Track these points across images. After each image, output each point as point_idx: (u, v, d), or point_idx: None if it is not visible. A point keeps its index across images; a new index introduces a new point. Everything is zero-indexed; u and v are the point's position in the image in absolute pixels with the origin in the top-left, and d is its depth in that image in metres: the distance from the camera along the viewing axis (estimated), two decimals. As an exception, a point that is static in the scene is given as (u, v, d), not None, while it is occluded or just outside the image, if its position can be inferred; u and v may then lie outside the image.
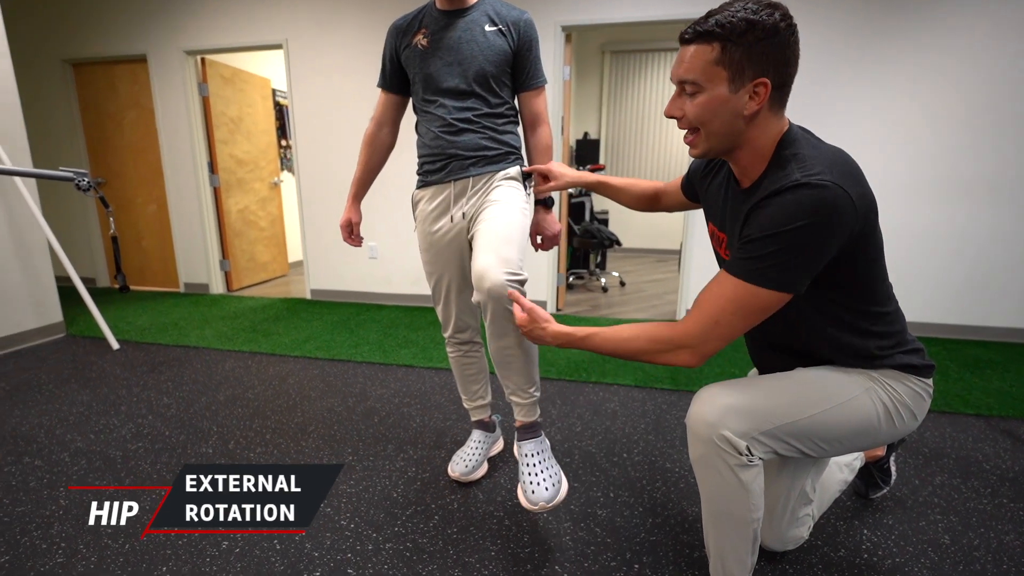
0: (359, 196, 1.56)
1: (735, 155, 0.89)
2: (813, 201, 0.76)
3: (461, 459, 1.55)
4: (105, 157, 4.19)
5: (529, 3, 3.16)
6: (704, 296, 0.87)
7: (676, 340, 0.87)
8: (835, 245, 0.79)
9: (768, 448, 0.88)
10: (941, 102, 2.77)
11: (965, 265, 2.88)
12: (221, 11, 3.65)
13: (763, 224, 0.80)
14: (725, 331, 0.84)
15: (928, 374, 0.95)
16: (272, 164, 4.66)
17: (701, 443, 0.89)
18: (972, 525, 1.33)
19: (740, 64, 0.80)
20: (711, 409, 0.88)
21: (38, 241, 2.86)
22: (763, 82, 0.81)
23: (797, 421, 0.88)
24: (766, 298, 0.81)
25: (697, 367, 0.90)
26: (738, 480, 0.88)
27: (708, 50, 0.80)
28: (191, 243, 4.10)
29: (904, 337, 0.95)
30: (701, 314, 0.86)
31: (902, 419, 0.93)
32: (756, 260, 0.81)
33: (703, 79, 0.81)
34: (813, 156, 0.81)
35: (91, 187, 2.38)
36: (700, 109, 0.84)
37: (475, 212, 1.35)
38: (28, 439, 1.80)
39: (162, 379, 2.34)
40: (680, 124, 0.88)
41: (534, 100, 1.42)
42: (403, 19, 1.39)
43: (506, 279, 1.16)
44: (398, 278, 3.75)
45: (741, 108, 0.82)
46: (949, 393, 2.14)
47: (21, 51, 4.06)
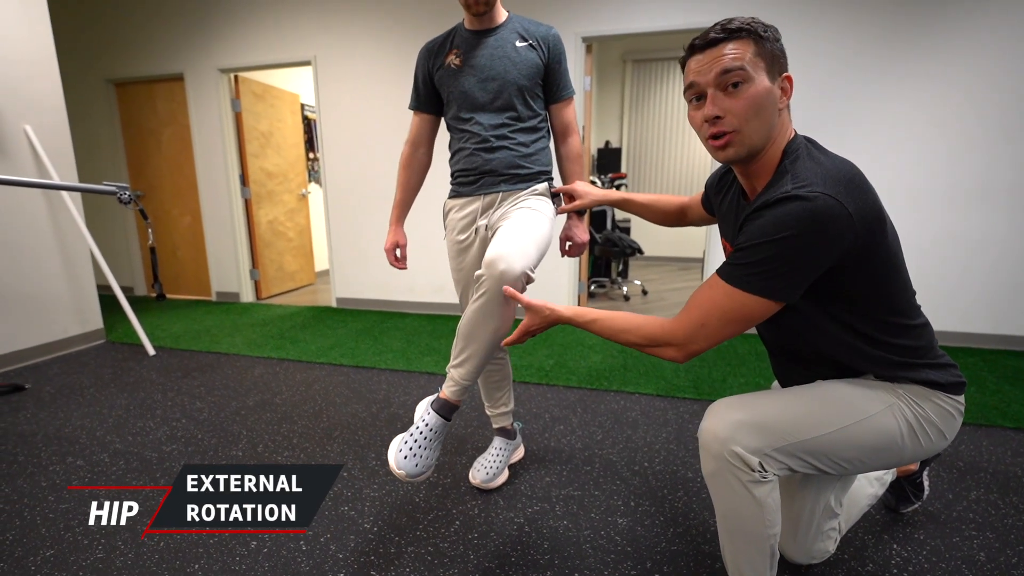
0: (402, 219, 1.59)
1: (756, 162, 0.88)
2: (802, 212, 0.76)
3: (482, 466, 1.57)
4: (144, 171, 4.39)
5: (550, 14, 3.21)
6: (695, 297, 0.89)
7: (664, 338, 0.89)
8: (828, 256, 0.79)
9: (782, 464, 0.87)
10: (977, 107, 2.70)
11: (1006, 274, 2.78)
12: (253, 30, 3.81)
13: (753, 233, 0.81)
14: (711, 333, 0.86)
15: (959, 391, 0.92)
16: (300, 176, 4.80)
17: (713, 459, 0.88)
18: (1010, 542, 1.28)
19: (772, 57, 0.83)
20: (722, 424, 0.87)
21: (82, 251, 3.01)
22: (788, 76, 0.84)
23: (813, 438, 0.86)
24: (752, 305, 0.82)
25: (684, 363, 0.94)
26: (751, 496, 0.86)
27: (746, 43, 0.82)
28: (223, 253, 4.25)
29: (932, 352, 0.92)
30: (690, 315, 0.87)
31: (928, 438, 0.90)
32: (744, 267, 0.82)
33: (751, 67, 0.81)
34: (810, 169, 0.81)
35: (132, 200, 2.50)
36: (749, 101, 0.81)
37: (499, 221, 1.37)
38: (71, 440, 1.88)
39: (195, 384, 2.42)
40: (722, 124, 0.84)
41: (564, 111, 1.46)
42: (433, 41, 1.44)
43: (520, 269, 1.11)
44: (421, 286, 3.80)
45: (777, 101, 0.84)
46: (987, 405, 2.06)
47: (68, 72, 4.29)
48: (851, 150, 2.84)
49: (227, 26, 3.86)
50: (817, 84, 2.86)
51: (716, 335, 0.86)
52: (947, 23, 2.67)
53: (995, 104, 2.66)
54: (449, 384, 1.22)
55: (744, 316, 0.83)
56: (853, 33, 2.79)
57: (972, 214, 2.78)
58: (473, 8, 1.33)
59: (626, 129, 6.05)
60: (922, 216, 2.85)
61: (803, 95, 2.85)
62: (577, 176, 1.50)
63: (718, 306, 0.84)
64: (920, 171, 2.81)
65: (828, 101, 2.87)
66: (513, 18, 1.40)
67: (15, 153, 2.68)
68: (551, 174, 1.46)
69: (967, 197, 2.77)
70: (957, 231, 2.82)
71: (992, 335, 2.85)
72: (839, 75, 2.84)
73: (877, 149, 2.85)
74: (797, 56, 2.86)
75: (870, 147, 2.86)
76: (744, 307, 0.83)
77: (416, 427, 1.19)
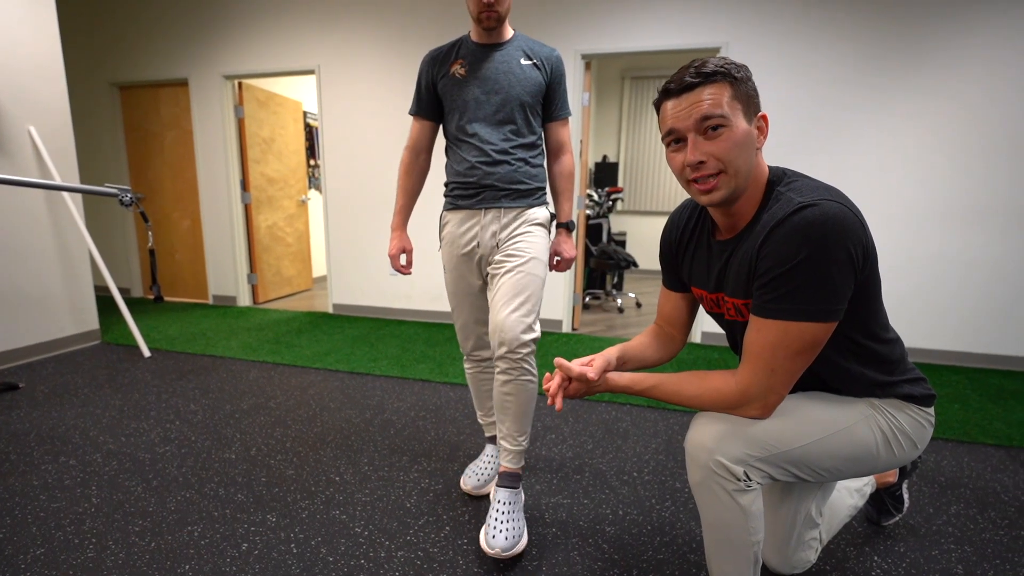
0: (405, 224, 1.58)
1: (739, 201, 0.89)
2: (819, 216, 0.77)
3: (474, 473, 1.58)
4: (145, 174, 4.41)
5: (550, 32, 3.28)
6: (749, 347, 0.86)
7: (740, 400, 0.87)
8: (856, 260, 0.78)
9: (765, 473, 0.89)
10: (966, 127, 2.76)
11: (991, 294, 2.83)
12: (258, 38, 3.86)
13: (779, 257, 0.80)
14: (784, 376, 0.84)
15: (929, 403, 0.95)
16: (300, 183, 4.83)
17: (699, 468, 0.90)
18: (987, 556, 1.30)
19: (747, 98, 0.84)
20: (708, 435, 0.89)
21: (81, 252, 3.02)
22: (764, 116, 0.87)
23: (794, 449, 0.88)
24: (812, 331, 0.80)
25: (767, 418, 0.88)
26: (736, 504, 0.89)
27: (723, 86, 0.83)
28: (221, 257, 4.26)
29: (907, 365, 0.96)
30: (755, 368, 0.85)
31: (902, 447, 0.93)
32: (786, 298, 0.80)
33: (729, 111, 0.82)
34: (808, 185, 0.84)
35: (133, 202, 2.52)
36: (729, 144, 0.83)
37: (503, 246, 1.41)
38: (64, 440, 1.88)
39: (190, 387, 2.43)
40: (705, 168, 0.85)
41: (560, 130, 1.51)
42: (438, 50, 1.46)
43: (522, 338, 1.31)
44: (417, 294, 3.82)
45: (755, 141, 0.86)
46: (969, 423, 2.10)
47: (74, 75, 4.35)
48: (845, 168, 2.92)
49: (232, 33, 3.91)
50: (811, 104, 2.92)
51: (790, 376, 0.84)
52: (940, 42, 2.73)
53: (990, 125, 2.72)
54: (512, 456, 1.40)
55: (808, 346, 0.81)
56: (848, 53, 2.85)
57: (966, 234, 2.84)
58: (484, 23, 1.36)
59: (624, 144, 6.13)
60: (918, 235, 2.90)
61: (806, 111, 2.91)
62: (567, 193, 1.54)
63: (780, 347, 0.82)
64: (916, 191, 2.87)
65: (822, 120, 2.93)
66: (519, 36, 1.44)
67: (18, 153, 2.70)
68: (546, 189, 1.50)
69: (956, 217, 2.83)
70: (951, 250, 2.87)
71: (979, 354, 2.89)
72: (833, 95, 2.89)
73: (872, 168, 2.91)
74: (790, 77, 2.93)
75: (865, 165, 2.91)
76: (802, 338, 0.81)
77: (496, 510, 1.33)
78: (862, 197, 2.94)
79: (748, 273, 0.88)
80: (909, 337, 2.99)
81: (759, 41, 2.95)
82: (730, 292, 0.94)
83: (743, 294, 0.91)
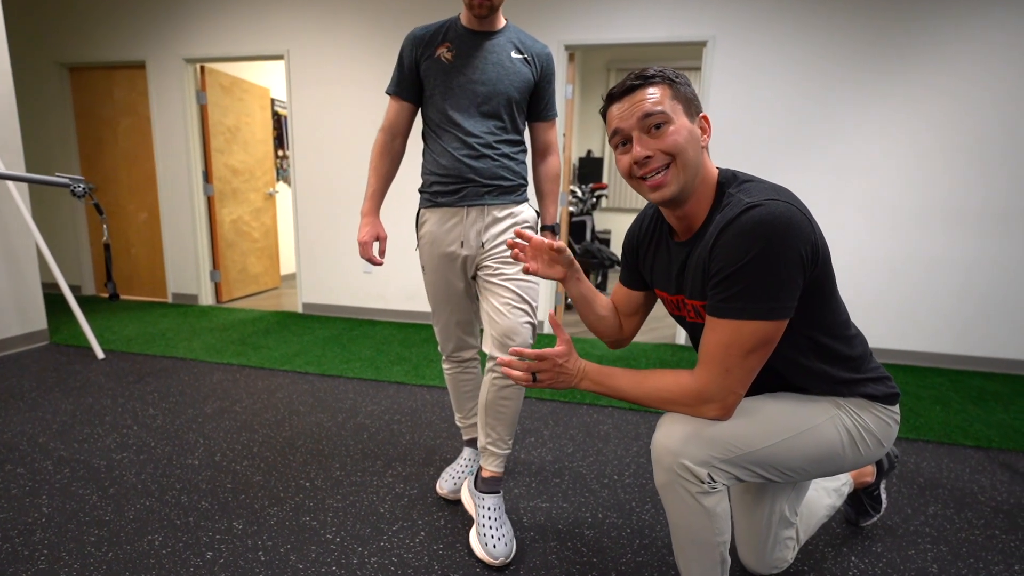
0: (377, 209, 1.54)
1: (689, 202, 0.95)
2: (766, 216, 0.82)
3: (450, 476, 1.61)
4: (98, 163, 4.31)
5: (533, 21, 3.32)
6: (705, 347, 0.90)
7: (698, 399, 0.91)
8: (804, 257, 0.84)
9: (730, 475, 0.93)
10: (953, 127, 2.89)
11: (974, 296, 2.97)
12: (223, 20, 3.81)
13: (729, 258, 0.85)
14: (740, 375, 0.88)
15: (894, 402, 1.01)
16: (268, 174, 4.78)
17: (663, 471, 0.94)
18: (962, 555, 1.39)
19: (687, 100, 0.93)
20: (672, 437, 0.92)
21: (26, 247, 2.95)
22: (705, 116, 0.95)
23: (759, 449, 0.93)
24: (764, 330, 0.85)
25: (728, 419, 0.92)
26: (701, 507, 0.93)
27: (663, 87, 0.91)
28: (182, 253, 4.20)
29: (871, 363, 1.01)
30: (710, 369, 0.89)
31: (867, 446, 0.99)
32: (737, 297, 0.85)
33: (670, 109, 0.90)
34: (758, 187, 0.89)
35: (86, 193, 2.48)
36: (675, 136, 0.89)
37: (492, 249, 1.43)
38: (9, 447, 1.85)
39: (148, 390, 2.40)
40: (652, 163, 0.91)
41: (548, 131, 1.55)
42: (424, 29, 1.43)
43: (531, 343, 1.38)
44: (392, 293, 3.83)
45: (699, 139, 0.93)
46: (950, 424, 2.20)
47: (16, 53, 4.22)
48: (822, 169, 3.03)
49: (195, 13, 3.85)
50: (800, 100, 3.02)
51: (746, 375, 0.88)
52: (922, 44, 2.86)
53: (968, 128, 2.86)
54: (498, 460, 1.46)
55: (760, 344, 0.86)
56: (839, 48, 2.96)
57: (943, 235, 2.97)
58: (476, 10, 1.35)
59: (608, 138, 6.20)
60: (894, 235, 3.03)
61: (801, 111, 3.01)
62: (553, 195, 1.58)
63: (732, 346, 0.86)
64: (893, 191, 2.99)
65: (812, 116, 3.03)
66: (511, 27, 1.44)
67: (-41, 139, 2.63)
68: (528, 185, 1.53)
69: (939, 218, 2.96)
70: (928, 251, 3.00)
71: (958, 355, 3.03)
72: (823, 91, 3.00)
73: (849, 169, 3.02)
74: (780, 73, 3.02)
75: (842, 166, 3.02)
76: (754, 336, 0.85)
77: (488, 518, 1.38)
78: (841, 198, 3.05)
79: (703, 274, 0.93)
80: (890, 339, 3.12)
81: (747, 36, 3.03)
82: (689, 294, 0.99)
83: (700, 295, 0.96)
